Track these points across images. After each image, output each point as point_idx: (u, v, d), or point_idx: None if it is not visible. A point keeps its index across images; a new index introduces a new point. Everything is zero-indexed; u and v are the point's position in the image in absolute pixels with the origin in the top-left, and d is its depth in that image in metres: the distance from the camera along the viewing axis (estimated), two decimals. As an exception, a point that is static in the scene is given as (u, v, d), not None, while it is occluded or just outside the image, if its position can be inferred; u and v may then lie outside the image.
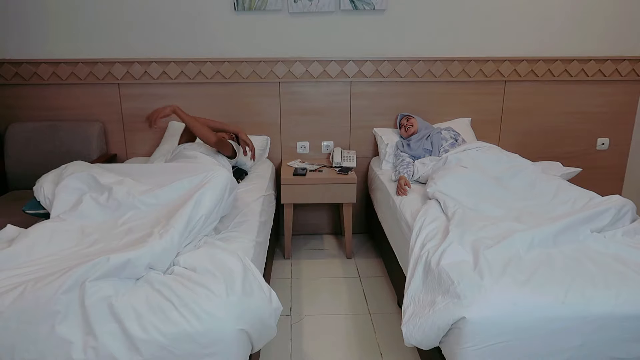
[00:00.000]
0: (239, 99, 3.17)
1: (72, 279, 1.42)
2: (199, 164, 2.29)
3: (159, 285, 1.49)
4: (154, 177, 2.11)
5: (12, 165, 2.95)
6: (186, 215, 1.76)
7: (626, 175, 3.50)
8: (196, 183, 1.98)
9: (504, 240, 1.79)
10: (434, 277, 1.69)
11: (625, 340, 1.52)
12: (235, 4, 3.00)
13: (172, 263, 1.65)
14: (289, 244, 3.07)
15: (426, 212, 2.11)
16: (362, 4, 3.04)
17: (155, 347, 1.37)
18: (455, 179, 2.31)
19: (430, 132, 2.92)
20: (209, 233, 1.94)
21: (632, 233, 1.90)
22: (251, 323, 1.52)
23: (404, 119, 3.04)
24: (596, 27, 3.19)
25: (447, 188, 2.24)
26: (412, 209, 2.27)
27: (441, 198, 2.18)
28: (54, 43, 3.03)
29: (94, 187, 2.04)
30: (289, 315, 2.45)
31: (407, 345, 1.68)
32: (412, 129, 2.97)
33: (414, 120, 3.00)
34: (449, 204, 2.11)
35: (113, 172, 2.11)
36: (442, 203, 2.15)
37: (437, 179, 2.33)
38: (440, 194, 2.22)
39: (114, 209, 1.95)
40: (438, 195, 2.21)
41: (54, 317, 1.37)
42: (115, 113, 3.15)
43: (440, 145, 2.82)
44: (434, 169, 2.56)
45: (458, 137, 2.91)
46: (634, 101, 3.36)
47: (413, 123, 2.98)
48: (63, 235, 1.82)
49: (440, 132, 2.89)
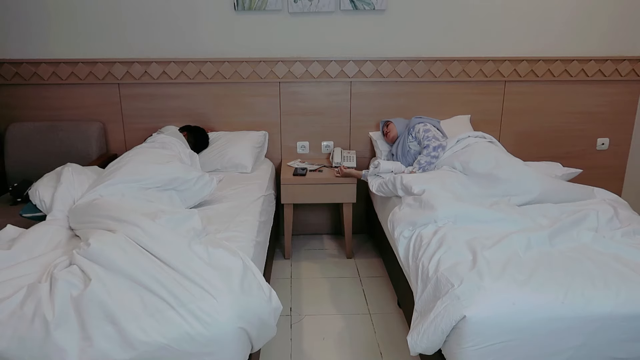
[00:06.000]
0: (239, 99, 3.17)
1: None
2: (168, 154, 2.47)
3: (156, 285, 1.47)
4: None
5: (12, 165, 2.95)
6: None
7: (626, 175, 3.50)
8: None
9: (502, 241, 1.79)
10: (433, 284, 1.69)
11: (625, 340, 1.52)
12: (235, 4, 3.00)
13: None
14: (289, 244, 3.07)
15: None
16: (362, 4, 3.04)
17: (155, 347, 1.37)
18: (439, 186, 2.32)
19: (403, 140, 2.85)
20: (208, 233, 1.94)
21: (631, 233, 1.90)
22: (251, 322, 1.52)
23: (384, 126, 3.04)
24: (596, 27, 3.19)
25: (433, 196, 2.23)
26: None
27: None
28: (54, 43, 3.03)
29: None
30: (289, 315, 2.45)
31: (412, 355, 1.68)
32: (392, 134, 2.95)
33: (392, 125, 2.97)
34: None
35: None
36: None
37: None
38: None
39: None
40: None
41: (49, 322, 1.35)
42: (115, 113, 3.15)
43: (406, 155, 2.81)
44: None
45: (427, 140, 2.70)
46: (634, 101, 3.36)
47: (391, 129, 2.96)
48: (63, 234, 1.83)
49: (410, 148, 2.80)
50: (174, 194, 2.24)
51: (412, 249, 1.95)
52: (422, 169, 2.62)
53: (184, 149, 2.65)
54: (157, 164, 2.28)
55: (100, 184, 2.13)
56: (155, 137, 2.72)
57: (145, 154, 2.41)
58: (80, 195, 2.12)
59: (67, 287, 1.44)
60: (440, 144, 2.65)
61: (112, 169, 2.27)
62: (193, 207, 2.28)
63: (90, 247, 1.56)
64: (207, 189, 2.32)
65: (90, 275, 1.47)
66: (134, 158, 2.32)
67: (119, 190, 2.10)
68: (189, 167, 2.39)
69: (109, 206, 1.89)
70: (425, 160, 2.62)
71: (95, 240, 1.60)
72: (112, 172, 2.21)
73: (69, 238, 1.90)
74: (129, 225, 1.71)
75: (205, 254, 1.63)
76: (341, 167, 2.90)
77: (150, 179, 2.19)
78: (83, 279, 1.49)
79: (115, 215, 1.79)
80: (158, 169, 2.24)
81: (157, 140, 2.65)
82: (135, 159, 2.30)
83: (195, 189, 2.28)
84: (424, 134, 2.72)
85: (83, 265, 1.52)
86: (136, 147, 2.59)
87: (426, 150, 2.64)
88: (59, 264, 1.58)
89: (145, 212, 1.85)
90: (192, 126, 3.04)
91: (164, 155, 2.41)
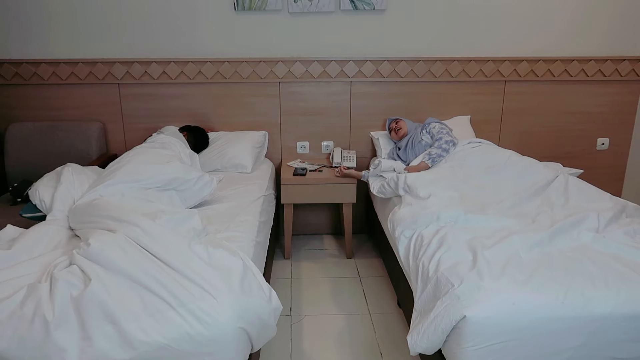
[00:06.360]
0: (239, 99, 3.17)
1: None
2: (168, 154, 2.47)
3: (156, 285, 1.47)
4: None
5: (12, 165, 2.95)
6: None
7: (626, 175, 3.50)
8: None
9: (502, 241, 1.79)
10: (433, 284, 1.69)
11: (625, 340, 1.52)
12: (235, 4, 3.00)
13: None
14: (289, 244, 3.07)
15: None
16: (362, 4, 3.04)
17: (155, 347, 1.37)
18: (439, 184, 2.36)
19: (414, 135, 2.90)
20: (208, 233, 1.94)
21: (632, 233, 1.90)
22: (251, 322, 1.51)
23: (393, 122, 3.05)
24: (596, 27, 3.19)
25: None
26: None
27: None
28: (54, 43, 3.03)
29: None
30: (289, 315, 2.45)
31: (412, 355, 1.68)
32: (402, 132, 2.97)
33: (402, 122, 3.00)
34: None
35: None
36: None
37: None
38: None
39: None
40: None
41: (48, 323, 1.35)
42: (115, 113, 3.15)
43: (416, 146, 2.85)
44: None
45: (441, 134, 2.81)
46: (634, 101, 3.36)
47: (402, 126, 2.99)
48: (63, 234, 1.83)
49: (421, 138, 2.86)
50: (174, 194, 2.24)
51: (412, 249, 1.95)
52: (432, 160, 2.67)
53: (184, 149, 2.65)
54: (157, 164, 2.28)
55: (100, 184, 2.13)
56: (155, 137, 2.72)
57: (145, 154, 2.41)
58: (80, 195, 2.12)
59: (67, 287, 1.44)
60: (452, 140, 2.76)
61: (112, 169, 2.27)
62: (193, 207, 2.29)
63: (90, 247, 1.56)
64: (207, 189, 2.32)
65: (90, 275, 1.47)
66: (134, 158, 2.32)
67: (119, 190, 2.10)
68: (189, 167, 2.39)
69: (109, 206, 1.89)
70: (436, 153, 2.69)
71: (95, 240, 1.60)
72: (112, 172, 2.21)
73: (69, 238, 1.90)
74: (129, 225, 1.70)
75: (205, 254, 1.63)
76: (341, 167, 2.90)
77: (150, 179, 2.19)
78: (83, 279, 1.49)
79: (115, 215, 1.79)
80: (158, 169, 2.24)
81: (157, 141, 2.65)
82: (135, 159, 2.30)
83: (195, 189, 2.28)
84: (439, 129, 2.83)
85: (83, 265, 1.52)
86: (136, 147, 2.59)
87: (438, 143, 2.74)
88: (59, 264, 1.58)
89: (145, 212, 1.85)
90: (192, 126, 3.04)
91: (164, 156, 2.41)
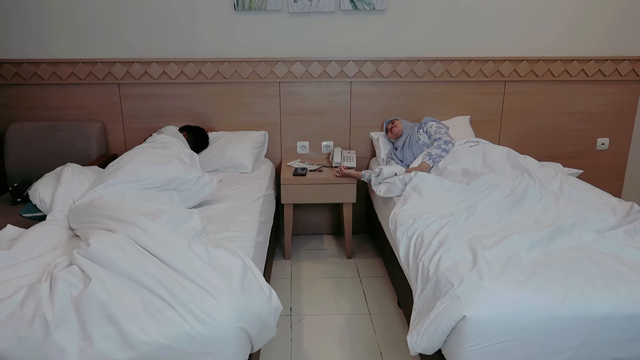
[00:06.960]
0: (239, 99, 3.17)
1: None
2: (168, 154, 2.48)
3: (156, 285, 1.47)
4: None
5: (12, 165, 2.95)
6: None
7: (626, 175, 3.50)
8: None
9: (502, 241, 1.79)
10: (433, 284, 1.69)
11: (625, 340, 1.52)
12: (235, 4, 3.00)
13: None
14: (289, 244, 3.07)
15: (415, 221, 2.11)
16: (362, 4, 3.04)
17: (155, 347, 1.37)
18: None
19: (411, 135, 2.92)
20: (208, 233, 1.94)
21: (632, 233, 1.90)
22: (251, 322, 1.51)
23: (389, 123, 3.08)
24: (596, 27, 3.19)
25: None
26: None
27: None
28: (54, 43, 3.03)
29: None
30: (289, 315, 2.45)
31: (412, 355, 1.68)
32: (397, 129, 3.00)
33: (398, 122, 3.04)
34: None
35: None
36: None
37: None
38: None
39: None
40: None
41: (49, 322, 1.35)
42: (115, 113, 3.15)
43: (420, 153, 2.84)
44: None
45: (439, 134, 2.82)
46: (634, 101, 3.36)
47: (397, 124, 3.02)
48: (63, 234, 1.83)
49: (419, 138, 2.88)
50: (174, 194, 2.24)
51: (412, 249, 1.95)
52: (432, 160, 2.68)
53: (184, 149, 2.65)
54: (157, 164, 2.28)
55: (100, 184, 2.13)
56: (155, 137, 2.72)
57: (145, 154, 2.41)
58: (80, 195, 2.12)
59: (67, 287, 1.44)
60: (451, 141, 2.77)
61: (112, 169, 2.27)
62: (193, 207, 2.29)
63: (90, 247, 1.56)
64: (207, 189, 2.32)
65: (90, 275, 1.47)
66: (134, 158, 2.32)
67: (119, 190, 2.10)
68: (189, 167, 2.39)
69: (109, 206, 1.89)
70: (436, 152, 2.70)
71: (95, 240, 1.59)
72: (112, 172, 2.21)
73: (69, 238, 1.90)
74: (129, 225, 1.70)
75: (205, 254, 1.63)
76: (341, 167, 2.90)
77: (150, 179, 2.19)
78: (83, 279, 1.49)
79: (115, 215, 1.79)
80: (158, 169, 2.24)
81: (157, 141, 2.65)
82: (135, 159, 2.30)
83: (195, 189, 2.28)
84: (436, 129, 2.84)
85: (83, 265, 1.52)
86: (136, 147, 2.59)
87: (437, 143, 2.75)
88: (59, 264, 1.58)
89: (145, 212, 1.85)
90: (192, 126, 3.04)
91: (164, 156, 2.41)
